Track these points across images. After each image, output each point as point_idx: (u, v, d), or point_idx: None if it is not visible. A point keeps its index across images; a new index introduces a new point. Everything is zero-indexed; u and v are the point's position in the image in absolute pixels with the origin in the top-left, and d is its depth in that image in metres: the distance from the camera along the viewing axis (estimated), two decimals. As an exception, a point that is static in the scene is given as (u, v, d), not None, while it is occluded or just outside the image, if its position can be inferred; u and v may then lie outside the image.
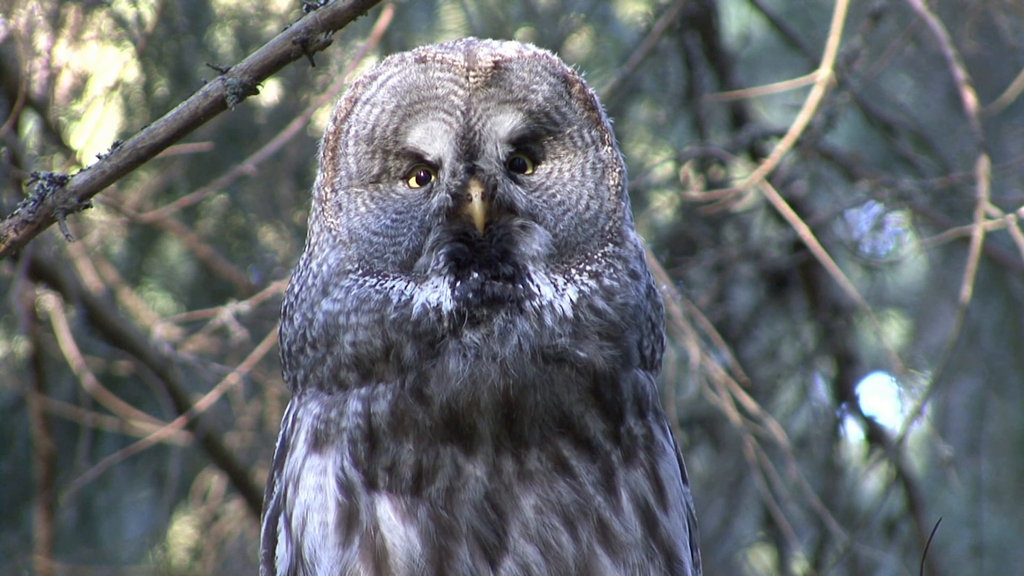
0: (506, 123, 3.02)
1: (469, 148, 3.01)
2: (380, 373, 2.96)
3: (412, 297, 2.96)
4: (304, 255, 3.13)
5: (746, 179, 5.63)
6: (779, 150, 5.47)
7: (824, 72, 5.29)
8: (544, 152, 3.07)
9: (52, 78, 6.32)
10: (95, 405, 6.46)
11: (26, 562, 6.87)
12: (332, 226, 3.07)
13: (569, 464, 2.96)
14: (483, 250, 2.99)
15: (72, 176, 3.05)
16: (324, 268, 3.05)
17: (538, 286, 2.98)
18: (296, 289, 3.09)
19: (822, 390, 6.87)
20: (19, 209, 3.04)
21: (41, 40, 6.23)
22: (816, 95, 5.30)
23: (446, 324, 2.94)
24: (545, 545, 2.95)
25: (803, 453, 6.76)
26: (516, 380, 2.93)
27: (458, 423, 2.93)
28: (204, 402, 6.10)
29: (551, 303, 2.97)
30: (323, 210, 3.09)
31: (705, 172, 6.56)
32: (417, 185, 3.05)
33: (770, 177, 5.47)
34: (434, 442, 2.94)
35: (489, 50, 3.04)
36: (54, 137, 6.34)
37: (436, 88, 3.01)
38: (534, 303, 2.96)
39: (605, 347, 2.97)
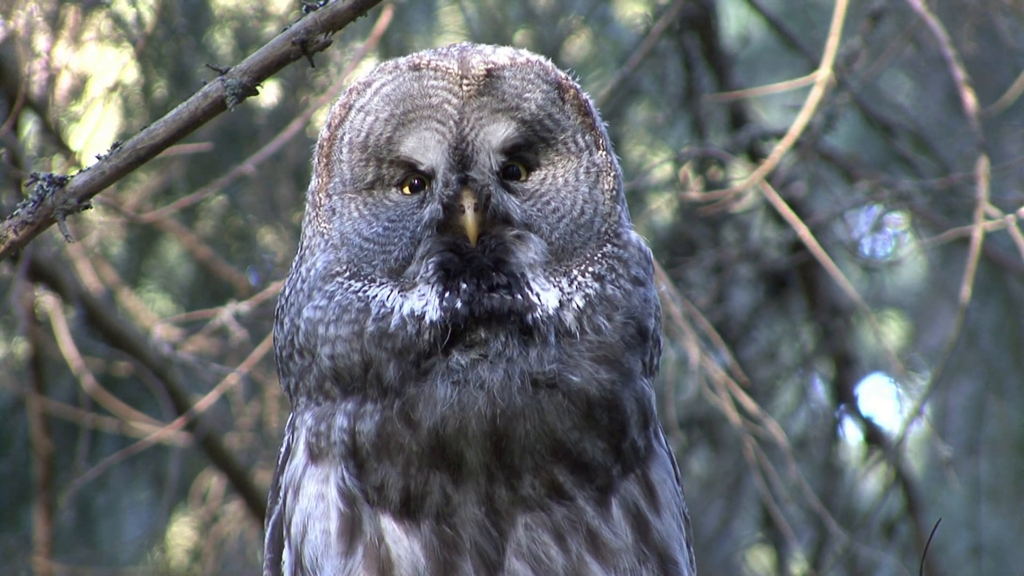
0: (499, 132, 2.99)
1: (462, 159, 2.98)
2: (363, 389, 2.93)
3: (392, 310, 2.93)
4: (296, 258, 3.11)
5: (745, 180, 5.63)
6: (778, 151, 5.47)
7: (823, 73, 5.28)
8: (538, 159, 3.04)
9: (51, 79, 6.32)
10: (94, 406, 6.45)
11: (25, 563, 6.87)
12: (325, 231, 3.05)
13: (564, 488, 2.93)
14: (474, 259, 2.95)
15: (72, 177, 3.04)
16: (312, 272, 3.03)
17: (538, 294, 2.94)
18: (287, 293, 3.08)
19: (821, 391, 6.86)
20: (19, 210, 3.03)
21: (40, 41, 6.23)
22: (815, 96, 5.30)
23: (427, 336, 2.90)
24: (536, 560, 2.92)
25: (802, 454, 6.75)
26: (504, 409, 2.88)
27: (445, 450, 2.89)
28: (203, 403, 6.10)
29: (558, 312, 2.93)
30: (317, 215, 3.08)
31: (704, 173, 6.56)
32: (410, 193, 3.02)
33: (769, 178, 5.47)
34: (422, 468, 2.90)
35: (482, 57, 3.01)
36: (54, 138, 6.33)
37: (430, 97, 2.99)
38: (536, 314, 2.92)
39: (601, 371, 2.93)
